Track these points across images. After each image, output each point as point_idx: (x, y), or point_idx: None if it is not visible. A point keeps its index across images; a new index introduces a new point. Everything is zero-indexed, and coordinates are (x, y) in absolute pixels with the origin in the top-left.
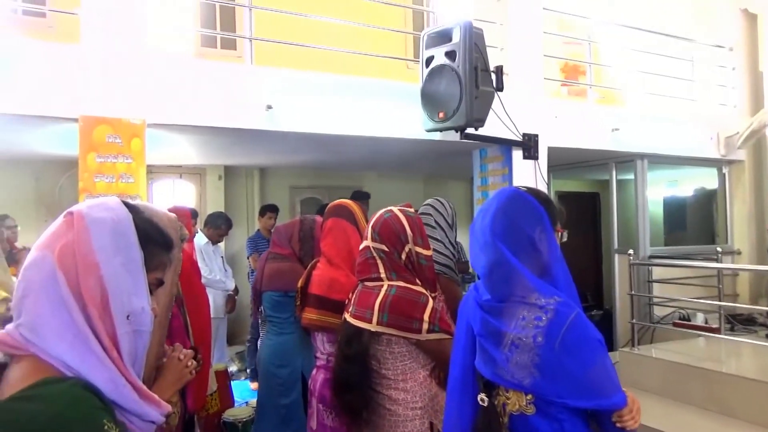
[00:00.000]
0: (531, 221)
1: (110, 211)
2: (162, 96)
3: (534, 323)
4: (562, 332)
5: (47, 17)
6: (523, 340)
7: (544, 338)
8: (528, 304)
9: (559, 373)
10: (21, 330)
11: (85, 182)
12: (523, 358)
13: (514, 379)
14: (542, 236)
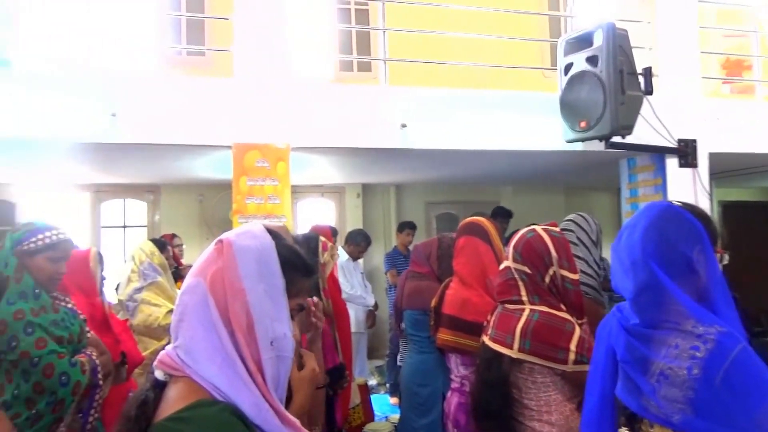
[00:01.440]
0: (688, 239)
1: (255, 239)
2: (304, 121)
3: (689, 353)
4: (724, 367)
5: (206, 55)
6: (674, 371)
7: (701, 371)
8: (683, 331)
9: (716, 413)
10: (178, 351)
11: (238, 204)
12: (674, 391)
13: (660, 413)
14: (701, 257)
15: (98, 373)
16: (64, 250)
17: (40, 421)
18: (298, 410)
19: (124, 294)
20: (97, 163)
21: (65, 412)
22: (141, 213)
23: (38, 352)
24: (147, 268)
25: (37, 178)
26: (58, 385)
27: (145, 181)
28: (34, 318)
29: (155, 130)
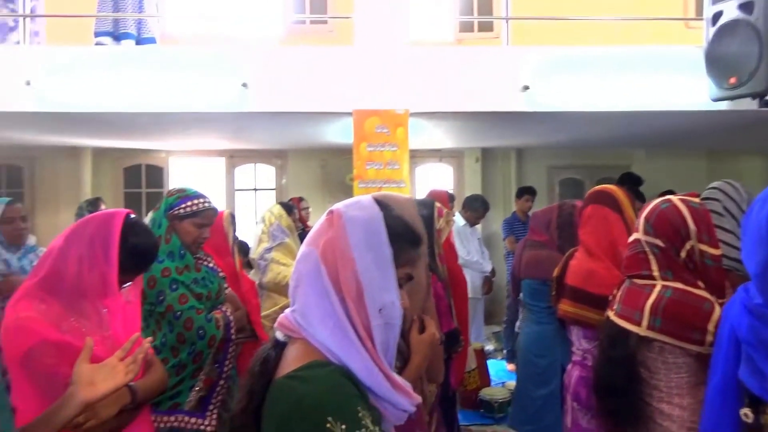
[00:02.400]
0: None
1: (364, 210)
2: (423, 86)
3: None
4: None
5: (328, 24)
6: None
7: None
8: None
9: None
10: (295, 315)
11: (358, 170)
12: None
13: None
14: None
15: (231, 328)
16: (209, 218)
17: (184, 370)
18: (415, 371)
19: (256, 253)
20: (231, 131)
21: (204, 363)
22: (270, 177)
23: (180, 307)
24: (276, 230)
25: (181, 145)
26: (196, 338)
27: (273, 146)
28: (179, 276)
29: (281, 99)
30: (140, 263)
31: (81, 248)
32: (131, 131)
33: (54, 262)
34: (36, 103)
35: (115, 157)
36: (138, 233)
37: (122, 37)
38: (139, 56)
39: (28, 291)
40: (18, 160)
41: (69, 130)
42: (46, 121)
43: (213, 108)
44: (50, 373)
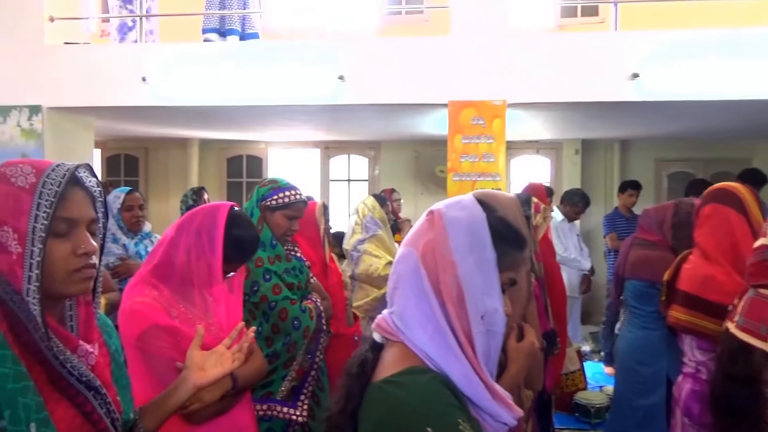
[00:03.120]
0: None
1: (466, 211)
2: (522, 75)
3: None
4: None
5: (423, 13)
6: None
7: None
8: None
9: None
10: (393, 317)
11: (452, 162)
12: None
13: None
14: None
15: (323, 318)
16: (299, 210)
17: (278, 359)
18: (511, 380)
19: (349, 244)
20: (327, 123)
21: (297, 353)
22: (363, 168)
23: (275, 297)
24: (369, 222)
25: (279, 136)
26: (291, 328)
27: (367, 138)
28: (271, 266)
29: (377, 91)
30: (242, 254)
31: (189, 239)
32: (234, 123)
33: (165, 251)
34: (150, 98)
35: (219, 147)
36: (241, 225)
37: (228, 33)
38: (242, 51)
39: (143, 277)
40: (134, 150)
41: (179, 122)
42: (159, 115)
43: (311, 101)
44: (161, 356)
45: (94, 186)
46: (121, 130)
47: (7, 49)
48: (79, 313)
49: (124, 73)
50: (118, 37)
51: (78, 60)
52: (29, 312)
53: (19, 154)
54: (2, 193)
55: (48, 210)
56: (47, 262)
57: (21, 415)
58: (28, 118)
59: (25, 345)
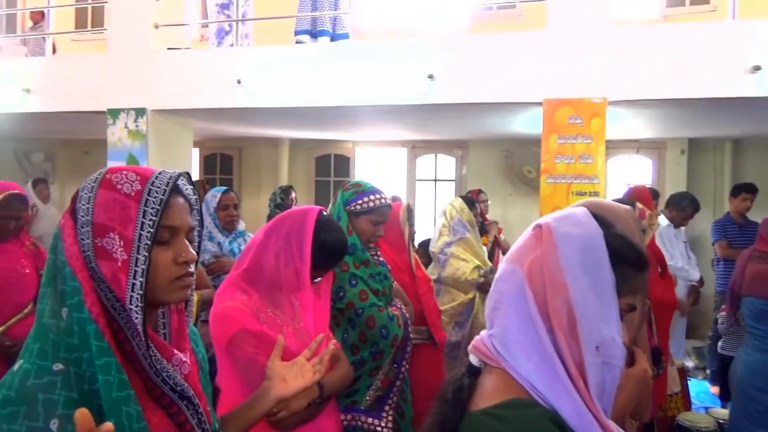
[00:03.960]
0: None
1: (579, 226)
2: (625, 71)
3: None
4: None
5: (516, 8)
6: None
7: None
8: None
9: None
10: (493, 340)
11: (546, 163)
12: None
13: None
14: None
15: (409, 326)
16: (384, 215)
17: (363, 367)
18: (620, 410)
19: (436, 247)
20: (415, 123)
21: (383, 362)
22: (450, 167)
23: (361, 304)
24: (457, 224)
25: (367, 136)
26: (379, 337)
27: (455, 137)
28: (356, 271)
29: (468, 90)
30: (330, 259)
31: (278, 243)
32: (324, 123)
33: (255, 255)
34: (245, 100)
35: (308, 147)
36: (329, 230)
37: (319, 34)
38: (333, 52)
39: (233, 281)
40: (229, 150)
41: (271, 122)
42: (253, 115)
43: (400, 100)
44: (249, 361)
45: (191, 194)
46: (218, 130)
47: (117, 56)
48: (172, 321)
49: (220, 76)
50: (215, 42)
51: (179, 64)
52: (131, 320)
53: (126, 153)
54: (109, 199)
55: (153, 218)
56: (150, 270)
57: (125, 424)
58: (135, 120)
59: (125, 353)
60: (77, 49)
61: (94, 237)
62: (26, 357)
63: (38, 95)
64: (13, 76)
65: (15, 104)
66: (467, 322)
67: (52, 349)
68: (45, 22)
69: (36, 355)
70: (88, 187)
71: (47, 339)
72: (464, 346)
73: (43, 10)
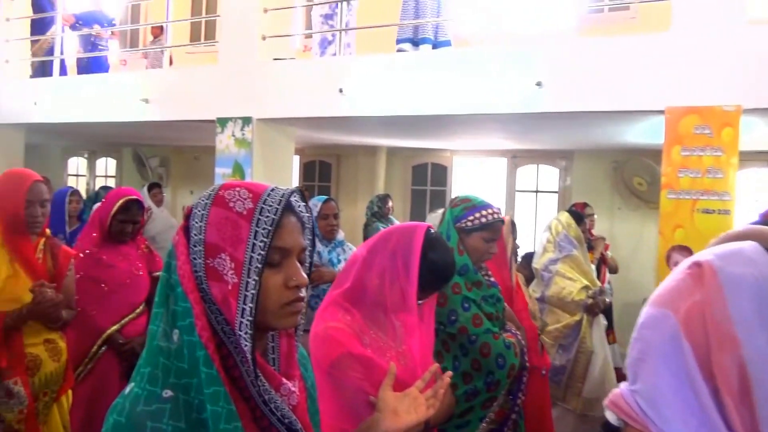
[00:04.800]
0: None
1: (752, 266)
2: (762, 75)
3: None
4: None
5: (630, 9)
6: None
7: None
8: None
9: None
10: (637, 398)
11: (668, 177)
12: None
13: None
14: None
15: (525, 354)
16: (498, 231)
17: (476, 398)
18: None
19: (540, 263)
20: (518, 131)
21: (499, 393)
22: (553, 179)
23: (475, 330)
24: (563, 240)
25: (465, 145)
26: (495, 366)
27: (558, 147)
28: (469, 293)
29: (579, 97)
30: (438, 280)
31: (384, 261)
32: (423, 132)
33: (358, 273)
34: (347, 108)
35: (405, 155)
36: (438, 249)
37: (421, 42)
38: (434, 59)
39: (335, 299)
40: (328, 157)
41: (370, 131)
42: (353, 124)
43: (505, 109)
44: (352, 386)
45: (304, 211)
46: (318, 138)
47: (227, 67)
48: (281, 345)
49: (323, 85)
50: (319, 51)
51: (284, 74)
52: (240, 346)
53: (233, 160)
54: (221, 218)
55: (265, 239)
56: (260, 294)
57: None
58: (241, 128)
59: (234, 379)
60: (192, 61)
61: (206, 257)
62: (137, 381)
63: (155, 105)
64: (133, 87)
65: (135, 113)
66: (573, 345)
67: (162, 374)
68: (164, 36)
69: (146, 379)
70: (202, 204)
71: (158, 363)
72: (569, 371)
73: (162, 24)
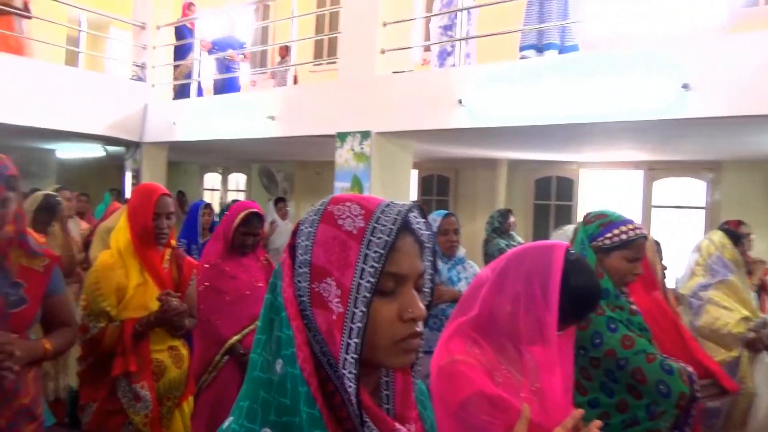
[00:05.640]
0: None
1: None
2: None
3: None
4: None
5: None
6: None
7: None
8: None
9: None
10: None
11: None
12: None
13: None
14: None
15: (695, 382)
16: (641, 249)
17: (636, 427)
18: None
19: (687, 288)
20: (657, 141)
21: (664, 424)
22: (697, 193)
23: (625, 352)
24: (716, 263)
25: (594, 157)
26: (656, 394)
27: (704, 157)
28: (613, 313)
29: (731, 101)
30: (582, 309)
31: (517, 285)
32: (547, 143)
33: (486, 298)
34: (466, 120)
35: (528, 168)
36: (581, 272)
37: (546, 48)
38: (561, 65)
39: (460, 328)
40: (446, 171)
41: (490, 143)
42: (472, 136)
43: (644, 116)
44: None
45: (424, 229)
46: (436, 151)
47: (346, 82)
48: (396, 382)
49: (441, 97)
50: (437, 63)
51: (402, 87)
52: (343, 385)
53: (351, 174)
54: (329, 237)
55: (376, 264)
56: (369, 327)
57: None
58: (360, 142)
59: (340, 420)
60: (315, 78)
61: (311, 281)
62: (236, 416)
63: (280, 122)
64: (260, 105)
65: (262, 130)
66: None
67: (261, 410)
68: (289, 56)
69: (245, 415)
70: (309, 221)
71: (257, 397)
72: (725, 416)
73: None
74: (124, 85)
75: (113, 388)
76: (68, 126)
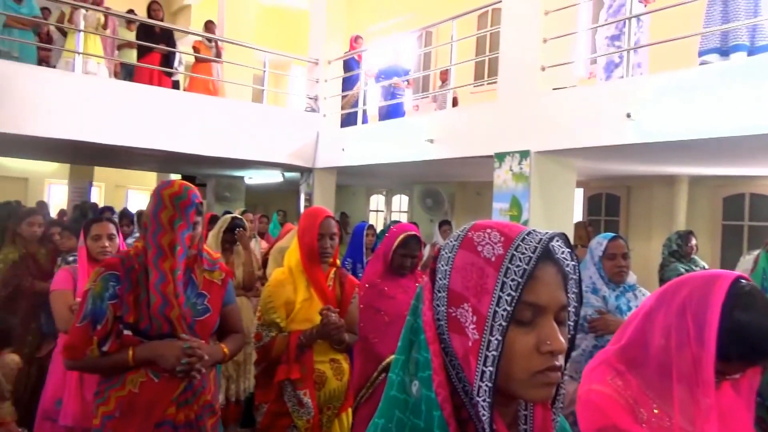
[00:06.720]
0: None
1: None
2: None
3: None
4: None
5: None
6: None
7: None
8: None
9: None
10: None
11: None
12: None
13: None
14: None
15: None
16: None
17: None
18: None
19: None
20: None
21: None
22: None
23: None
24: None
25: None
26: None
27: None
28: None
29: None
30: (753, 352)
31: (669, 317)
32: (736, 156)
33: (638, 328)
34: (635, 135)
35: (714, 185)
36: (751, 307)
37: (732, 51)
38: (750, 68)
39: (607, 358)
40: (616, 189)
41: (665, 158)
42: (643, 151)
43: None
44: None
45: (569, 259)
46: (603, 169)
47: (505, 102)
48: (536, 418)
49: (607, 112)
50: (604, 76)
51: (563, 104)
52: (477, 413)
53: (510, 195)
54: (467, 263)
55: (513, 293)
56: (504, 356)
57: None
58: (519, 162)
59: None
60: (475, 100)
61: (448, 305)
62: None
63: (438, 144)
64: (420, 129)
65: (421, 153)
66: None
67: (396, 429)
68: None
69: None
70: (450, 246)
71: (392, 416)
72: None
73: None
74: (300, 116)
75: (281, 392)
76: (256, 156)
